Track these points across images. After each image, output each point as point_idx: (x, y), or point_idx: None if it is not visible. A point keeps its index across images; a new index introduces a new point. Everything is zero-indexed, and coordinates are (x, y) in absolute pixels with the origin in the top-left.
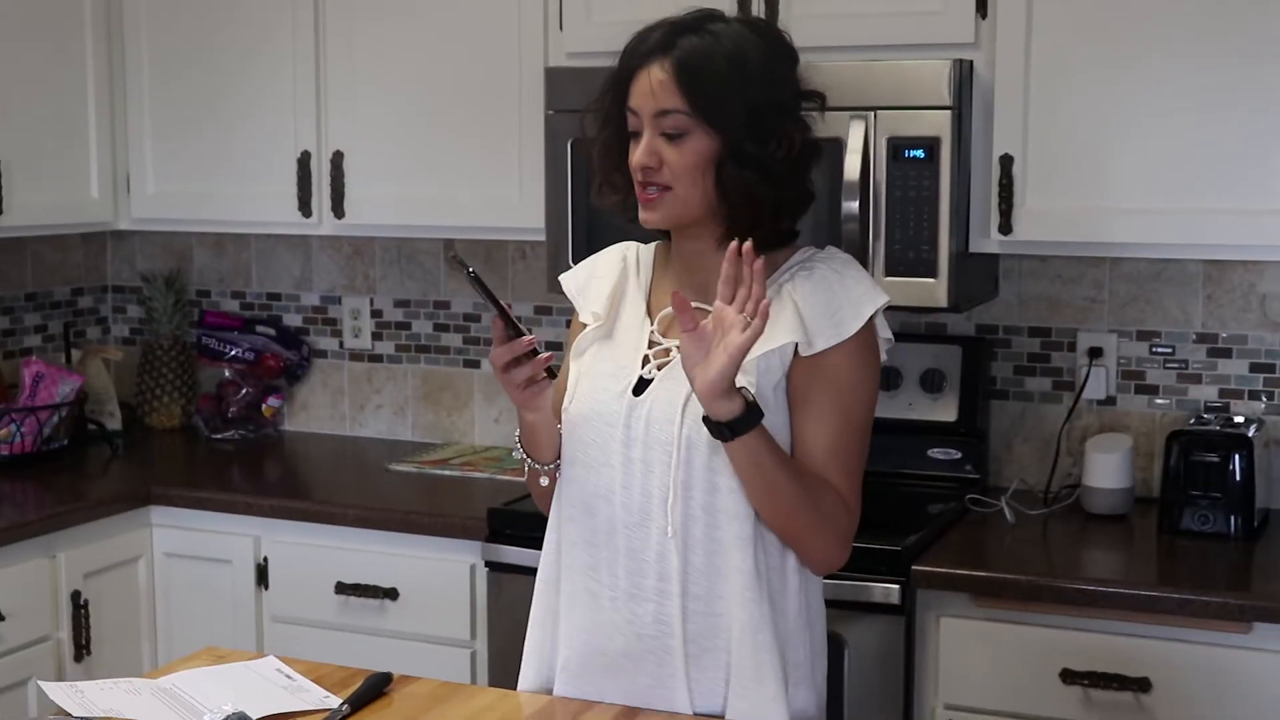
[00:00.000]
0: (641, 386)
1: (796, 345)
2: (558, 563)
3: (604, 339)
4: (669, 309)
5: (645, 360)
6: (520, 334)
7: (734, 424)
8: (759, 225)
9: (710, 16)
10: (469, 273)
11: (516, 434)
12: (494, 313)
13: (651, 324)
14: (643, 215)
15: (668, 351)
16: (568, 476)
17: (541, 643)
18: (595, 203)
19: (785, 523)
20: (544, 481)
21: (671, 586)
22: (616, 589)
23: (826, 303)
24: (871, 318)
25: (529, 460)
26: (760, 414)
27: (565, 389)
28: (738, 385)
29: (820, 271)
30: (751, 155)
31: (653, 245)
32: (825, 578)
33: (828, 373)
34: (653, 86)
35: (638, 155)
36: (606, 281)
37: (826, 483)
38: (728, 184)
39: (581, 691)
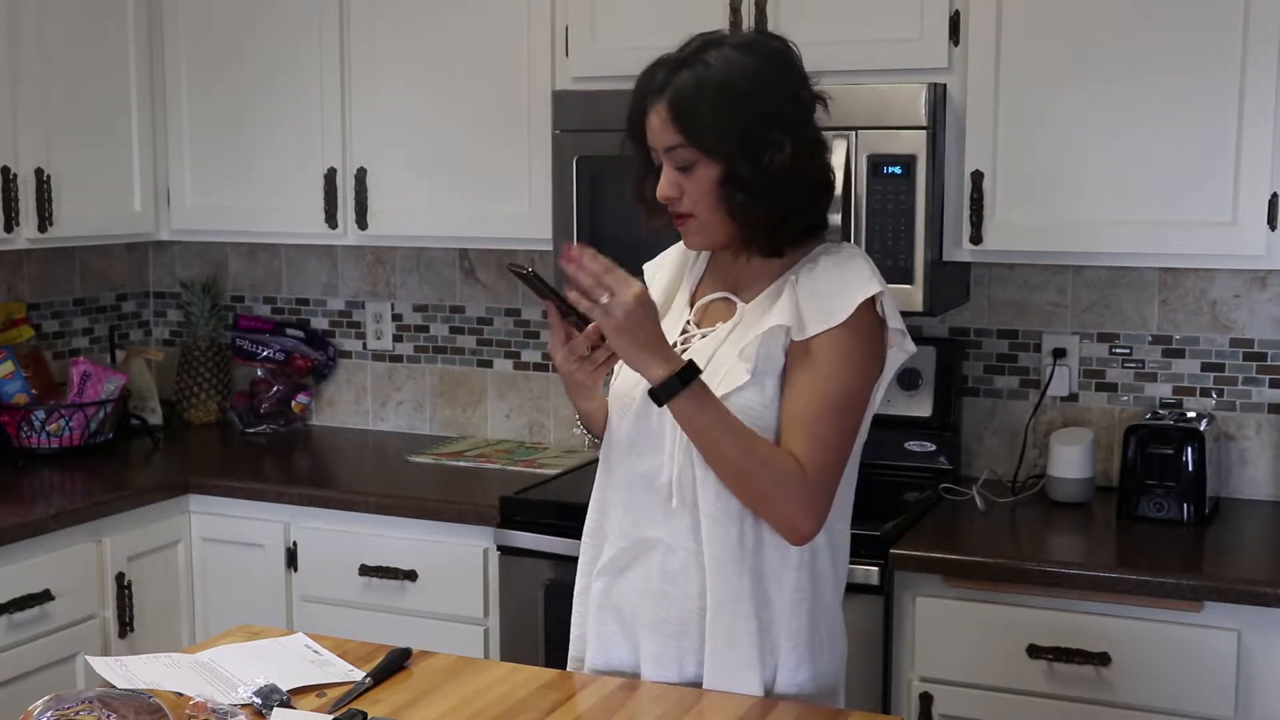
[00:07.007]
0: None
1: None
2: (599, 514)
3: None
4: (705, 299)
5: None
6: (587, 321)
7: (655, 391)
8: (770, 234)
9: (706, 44)
10: (529, 272)
11: (577, 418)
12: (553, 307)
13: (690, 313)
14: (684, 242)
15: (688, 340)
16: (604, 446)
17: (587, 586)
18: (645, 228)
19: (737, 487)
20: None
21: (677, 542)
22: (624, 536)
23: (823, 291)
24: (875, 307)
25: (589, 435)
26: (687, 380)
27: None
28: (689, 358)
29: (823, 263)
30: (746, 177)
31: None
32: None
33: (812, 353)
34: (657, 126)
35: (658, 189)
36: (668, 270)
37: (784, 451)
38: (730, 207)
39: (612, 603)
